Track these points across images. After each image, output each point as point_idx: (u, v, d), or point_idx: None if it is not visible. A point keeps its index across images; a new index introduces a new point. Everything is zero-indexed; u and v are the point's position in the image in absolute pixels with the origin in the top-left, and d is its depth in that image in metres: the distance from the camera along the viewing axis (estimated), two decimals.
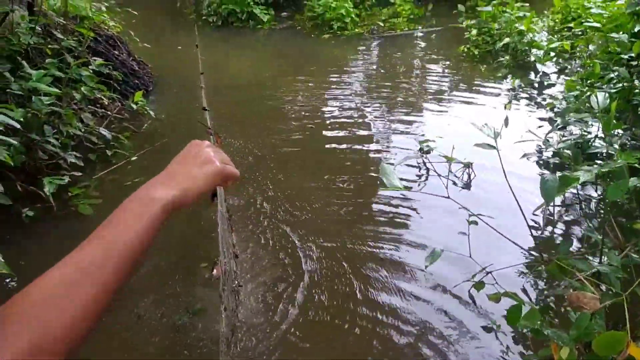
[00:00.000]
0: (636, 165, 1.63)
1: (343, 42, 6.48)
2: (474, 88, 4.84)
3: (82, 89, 3.55)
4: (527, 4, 5.76)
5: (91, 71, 3.86)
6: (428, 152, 3.61)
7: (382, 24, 6.65)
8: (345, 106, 4.71)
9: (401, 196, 3.10)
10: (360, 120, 4.40)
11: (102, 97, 3.96)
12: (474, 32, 5.39)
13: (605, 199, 1.90)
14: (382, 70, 5.73)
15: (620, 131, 2.35)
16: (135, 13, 4.56)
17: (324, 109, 4.70)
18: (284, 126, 4.39)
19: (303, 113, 4.63)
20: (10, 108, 2.64)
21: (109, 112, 4.26)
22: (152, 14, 5.30)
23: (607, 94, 1.85)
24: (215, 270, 2.58)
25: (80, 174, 3.50)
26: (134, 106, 4.15)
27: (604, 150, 2.17)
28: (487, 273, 1.92)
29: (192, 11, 7.60)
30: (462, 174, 3.36)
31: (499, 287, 1.99)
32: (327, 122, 4.40)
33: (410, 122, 4.33)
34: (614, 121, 1.88)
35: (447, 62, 5.53)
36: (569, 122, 2.68)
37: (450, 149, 3.56)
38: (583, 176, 1.60)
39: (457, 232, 2.59)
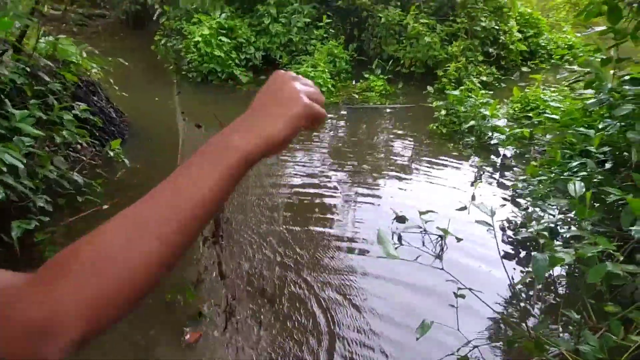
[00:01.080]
0: (611, 250, 1.78)
1: None
2: (440, 164, 5.11)
3: (64, 132, 3.50)
4: (491, 92, 6.27)
5: (72, 115, 3.83)
6: (402, 221, 3.74)
7: (356, 96, 7.00)
8: (312, 171, 4.85)
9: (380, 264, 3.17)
10: (327, 185, 4.53)
11: (82, 142, 3.90)
12: (443, 112, 5.76)
13: (584, 280, 2.03)
14: (353, 139, 5.97)
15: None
16: (126, 63, 4.62)
17: (293, 175, 4.81)
18: (258, 184, 4.44)
19: (274, 179, 4.71)
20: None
21: (83, 158, 4.18)
22: (131, 64, 5.37)
23: (582, 184, 2.04)
24: (188, 336, 2.51)
25: (47, 218, 3.38)
26: (111, 153, 4.11)
27: (568, 235, 2.33)
28: (474, 347, 1.97)
29: (172, 64, 7.73)
30: (435, 245, 3.48)
31: None
32: (294, 189, 4.50)
33: (378, 193, 4.49)
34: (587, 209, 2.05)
35: (417, 138, 5.84)
36: (540, 205, 2.89)
37: (419, 219, 3.73)
38: (567, 257, 1.73)
39: (447, 305, 2.64)
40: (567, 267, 2.79)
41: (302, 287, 3.01)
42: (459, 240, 2.12)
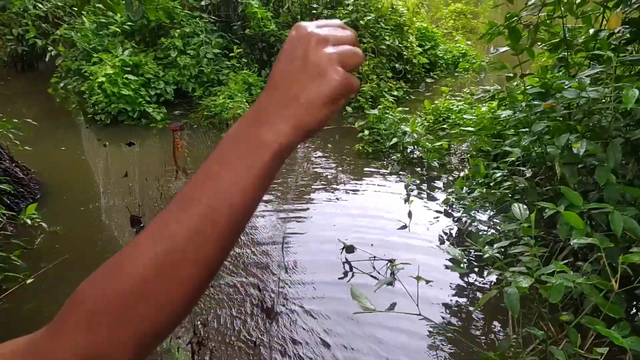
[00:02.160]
0: (565, 270, 1.95)
1: None
2: (371, 183, 5.26)
3: None
4: (406, 107, 6.59)
5: None
6: (351, 250, 3.79)
7: None
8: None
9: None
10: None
11: None
12: (367, 132, 5.95)
13: (536, 295, 2.19)
14: (284, 162, 5.97)
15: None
16: (35, 123, 4.22)
17: None
18: None
19: None
20: None
21: None
22: (27, 112, 4.91)
23: (525, 206, 2.21)
24: None
25: None
26: (29, 221, 3.72)
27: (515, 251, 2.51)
28: None
29: (76, 107, 7.21)
30: (386, 271, 3.57)
31: None
32: None
33: (311, 216, 4.53)
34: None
35: (344, 159, 5.97)
36: (475, 219, 3.10)
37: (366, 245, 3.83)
38: (528, 282, 1.86)
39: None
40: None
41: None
42: (428, 282, 2.17)
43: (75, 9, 7.60)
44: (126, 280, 0.39)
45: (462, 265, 1.83)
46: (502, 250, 2.59)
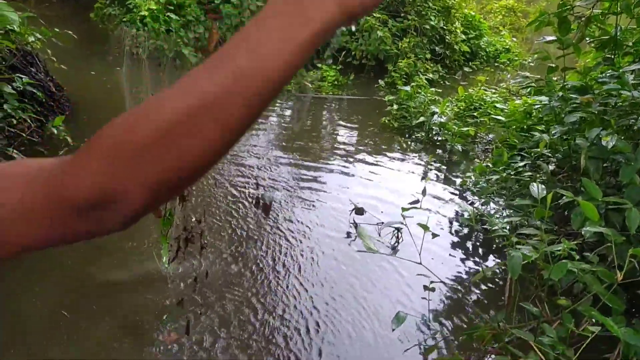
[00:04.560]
0: (574, 248, 1.95)
1: None
2: (391, 157, 5.25)
3: (5, 106, 3.22)
4: (439, 90, 6.52)
5: (11, 88, 3.52)
6: (361, 213, 3.82)
7: (309, 85, 6.99)
8: (259, 155, 4.85)
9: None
10: (273, 171, 4.54)
11: (25, 117, 3.60)
12: (395, 106, 5.91)
13: (537, 275, 2.20)
14: (305, 128, 5.98)
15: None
16: (75, 36, 4.29)
17: (241, 160, 4.77)
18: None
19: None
20: None
21: (21, 133, 3.86)
22: (67, 35, 4.97)
23: (543, 186, 2.20)
24: (169, 335, 2.44)
25: None
26: (55, 131, 3.82)
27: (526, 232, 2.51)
28: (443, 338, 2.08)
29: (113, 37, 7.28)
30: (392, 237, 3.60)
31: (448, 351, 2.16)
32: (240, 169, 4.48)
33: (328, 183, 4.56)
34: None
35: (369, 130, 5.95)
36: (490, 201, 3.10)
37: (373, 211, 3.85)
38: (534, 255, 1.87)
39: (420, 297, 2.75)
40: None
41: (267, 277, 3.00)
42: (434, 236, 2.20)
43: None
44: (152, 124, 0.40)
45: (472, 220, 1.84)
46: (511, 228, 2.59)
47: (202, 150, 0.41)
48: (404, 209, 2.01)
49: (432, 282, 2.08)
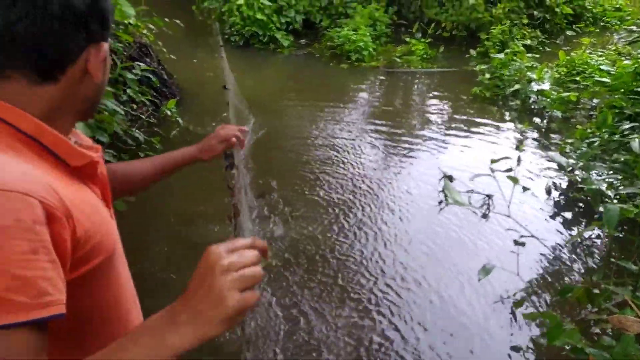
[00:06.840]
0: None
1: (360, 73, 6.80)
2: (485, 126, 5.14)
3: (129, 91, 3.70)
4: (537, 56, 6.18)
5: (133, 75, 4.01)
6: (450, 180, 3.84)
7: (398, 60, 6.99)
8: (353, 130, 4.97)
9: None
10: (370, 142, 4.64)
11: (144, 100, 4.10)
12: (487, 75, 5.73)
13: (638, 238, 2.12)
14: (397, 101, 6.03)
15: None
16: (182, 25, 4.76)
17: (337, 134, 4.94)
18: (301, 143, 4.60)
19: (319, 138, 4.85)
20: None
21: (141, 115, 4.39)
22: (171, 26, 5.49)
23: None
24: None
25: None
26: (169, 112, 4.29)
27: (625, 192, 2.40)
28: (533, 293, 2.11)
29: (213, 27, 7.83)
30: (482, 205, 3.59)
31: (539, 307, 2.18)
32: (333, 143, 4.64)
33: (421, 153, 4.59)
34: None
35: (460, 101, 5.85)
36: (589, 166, 2.95)
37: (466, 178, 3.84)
38: (634, 211, 1.83)
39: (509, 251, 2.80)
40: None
41: (367, 235, 3.18)
42: (525, 189, 2.22)
43: None
44: None
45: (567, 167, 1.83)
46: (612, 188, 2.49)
47: None
48: (492, 161, 2.05)
49: (521, 235, 2.11)
